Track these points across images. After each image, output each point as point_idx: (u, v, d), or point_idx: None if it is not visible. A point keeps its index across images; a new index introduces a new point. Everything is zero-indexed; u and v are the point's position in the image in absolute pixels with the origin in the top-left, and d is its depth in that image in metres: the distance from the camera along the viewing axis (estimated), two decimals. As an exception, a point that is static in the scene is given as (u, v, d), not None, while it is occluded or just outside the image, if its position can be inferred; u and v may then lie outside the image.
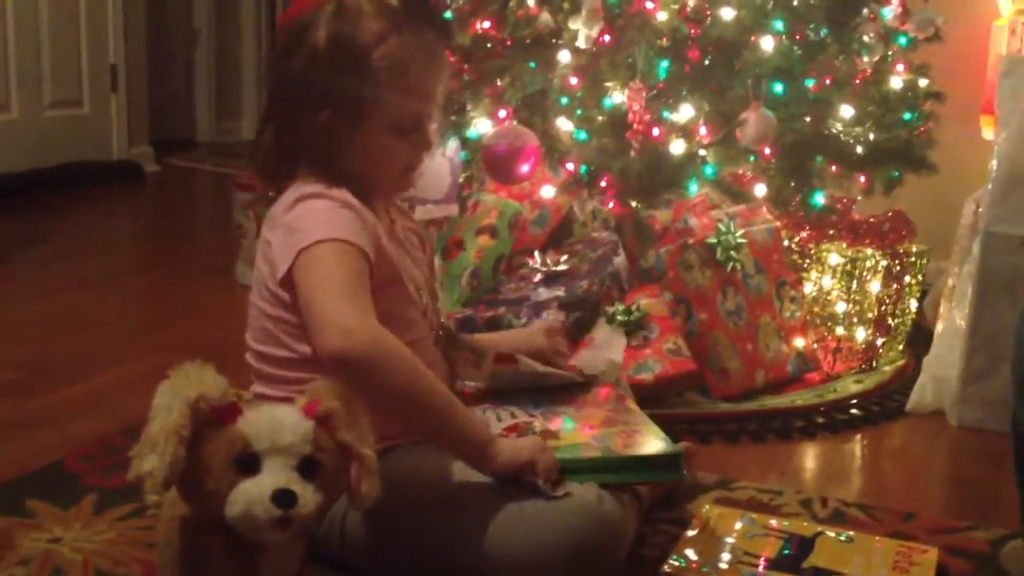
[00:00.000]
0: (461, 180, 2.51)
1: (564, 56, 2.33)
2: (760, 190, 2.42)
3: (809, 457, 2.07)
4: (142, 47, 5.10)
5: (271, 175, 1.44)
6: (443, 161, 2.39)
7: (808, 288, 2.43)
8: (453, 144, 2.43)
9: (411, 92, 1.38)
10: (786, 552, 1.53)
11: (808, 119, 2.42)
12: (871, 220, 2.50)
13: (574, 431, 1.48)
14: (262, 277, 1.39)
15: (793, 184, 2.44)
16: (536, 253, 2.38)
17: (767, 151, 2.35)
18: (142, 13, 5.09)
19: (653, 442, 1.45)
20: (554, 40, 2.34)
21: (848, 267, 2.38)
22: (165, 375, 1.14)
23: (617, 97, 2.30)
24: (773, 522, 1.62)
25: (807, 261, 2.44)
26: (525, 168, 2.23)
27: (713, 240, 2.28)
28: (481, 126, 2.38)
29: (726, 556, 1.51)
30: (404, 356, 1.24)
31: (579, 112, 2.35)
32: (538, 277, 2.32)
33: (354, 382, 1.20)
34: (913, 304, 2.54)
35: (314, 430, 1.13)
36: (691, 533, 1.57)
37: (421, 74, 1.39)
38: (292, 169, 1.41)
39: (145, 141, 5.11)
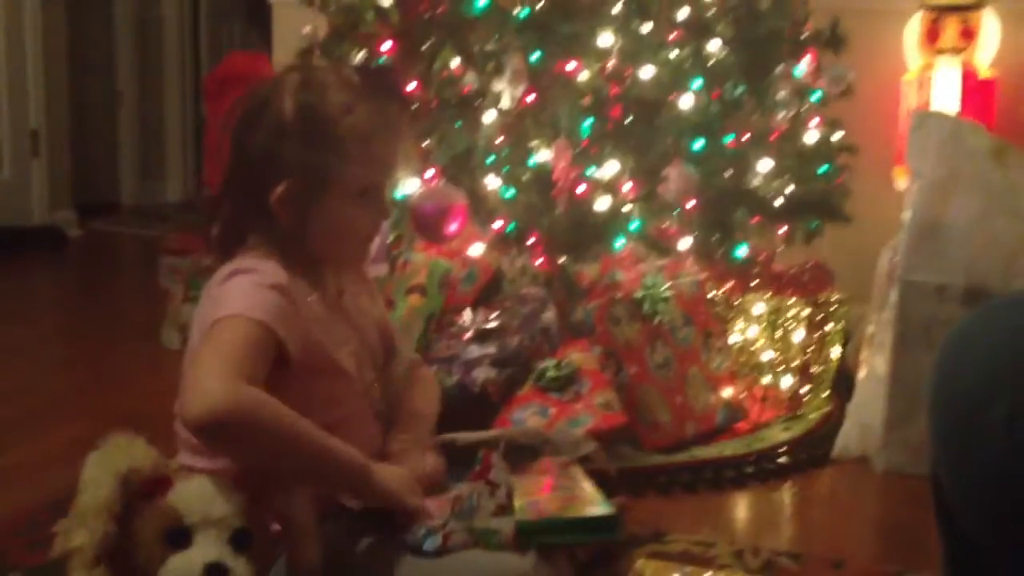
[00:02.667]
0: (390, 240, 2.52)
1: (489, 116, 2.36)
2: (684, 243, 2.47)
3: (740, 507, 2.09)
4: (64, 111, 5.05)
5: (227, 249, 1.42)
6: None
7: (734, 338, 2.48)
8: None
9: (373, 162, 1.39)
10: (721, 604, 1.55)
11: (728, 173, 2.48)
12: (792, 270, 2.56)
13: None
14: (193, 346, 1.37)
15: (716, 237, 2.49)
16: (467, 311, 2.39)
17: (690, 205, 2.39)
18: (64, 77, 5.04)
19: (590, 504, 1.45)
20: (479, 100, 2.38)
21: (772, 317, 2.43)
22: (92, 445, 1.12)
23: (542, 155, 2.34)
24: (707, 575, 1.64)
25: (732, 312, 2.49)
26: (453, 227, 2.25)
27: (640, 294, 2.32)
28: (409, 186, 2.40)
29: (662, 610, 1.52)
30: (266, 413, 1.20)
31: (506, 170, 2.38)
32: (469, 335, 2.32)
33: (214, 445, 1.20)
34: (836, 351, 2.59)
35: (247, 501, 1.12)
36: (627, 588, 1.58)
37: (383, 144, 1.40)
38: (244, 240, 1.41)
39: (68, 205, 5.04)
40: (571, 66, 2.31)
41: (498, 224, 2.36)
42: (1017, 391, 0.95)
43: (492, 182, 2.38)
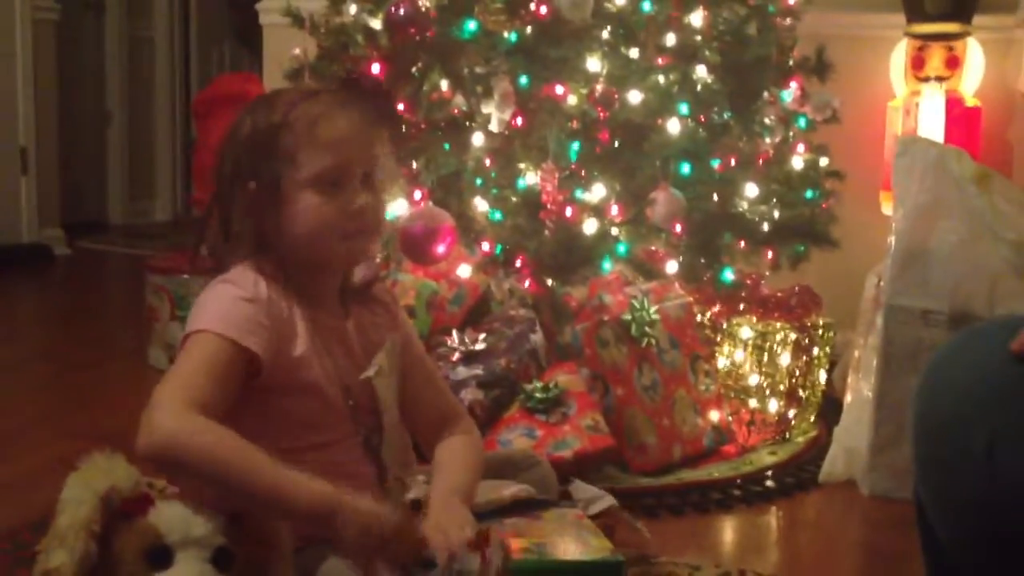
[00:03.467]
0: (378, 260, 2.52)
1: (478, 139, 2.37)
2: (672, 267, 2.47)
3: (727, 530, 2.09)
4: (53, 129, 5.05)
5: (222, 262, 1.42)
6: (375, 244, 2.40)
7: (721, 362, 2.48)
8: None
9: (324, 145, 1.36)
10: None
11: (715, 198, 2.49)
12: (779, 294, 2.57)
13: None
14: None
15: (703, 260, 2.50)
16: (454, 332, 2.39)
17: (677, 229, 2.40)
18: (53, 95, 5.05)
19: (596, 551, 1.44)
20: (468, 123, 2.39)
21: (759, 341, 2.44)
22: (74, 465, 1.12)
23: (530, 178, 2.35)
24: (692, 597, 1.63)
25: (719, 335, 2.49)
26: (441, 248, 2.25)
27: (628, 317, 2.32)
28: (397, 207, 2.40)
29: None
30: (206, 447, 1.17)
31: (494, 192, 2.39)
32: (456, 356, 2.32)
33: (165, 471, 1.22)
34: (822, 376, 2.60)
35: (227, 521, 1.11)
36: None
37: (333, 127, 1.37)
38: (227, 258, 1.41)
39: (56, 223, 5.03)
40: (559, 90, 2.32)
41: (486, 246, 2.37)
42: (997, 416, 0.96)
43: (480, 204, 2.39)
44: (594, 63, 2.35)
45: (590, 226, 2.33)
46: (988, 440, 0.95)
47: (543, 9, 2.31)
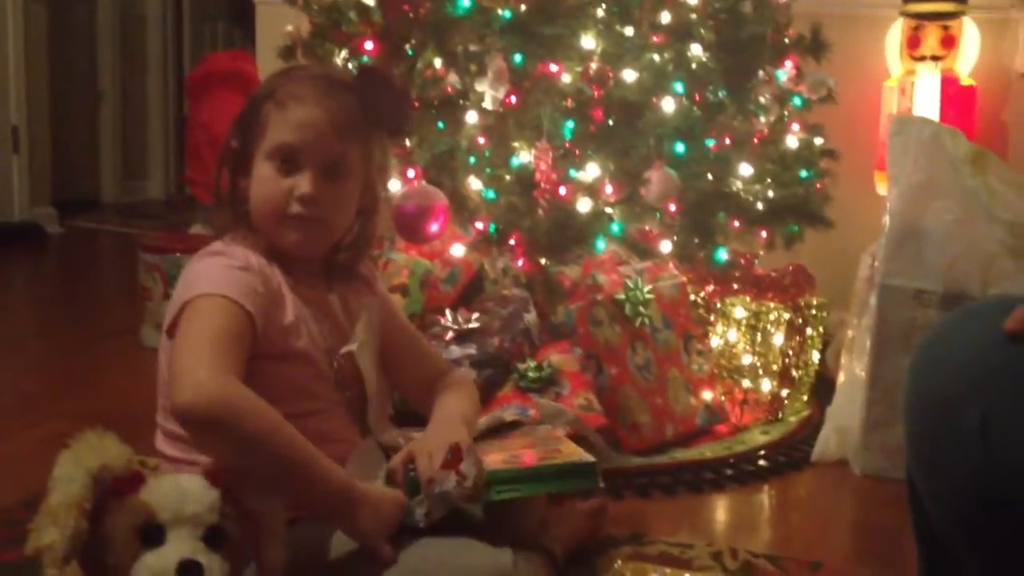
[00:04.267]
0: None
1: (471, 117, 2.36)
2: (665, 246, 2.47)
3: (719, 509, 2.10)
4: (45, 107, 5.03)
5: (214, 225, 1.48)
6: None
7: (714, 341, 2.48)
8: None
9: (290, 124, 1.39)
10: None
11: (709, 177, 2.49)
12: (773, 274, 2.57)
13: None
14: (166, 328, 1.38)
15: (697, 240, 2.49)
16: (447, 311, 2.39)
17: (671, 208, 2.40)
18: (45, 73, 5.02)
19: (569, 456, 1.47)
20: (461, 101, 2.37)
21: (752, 320, 2.44)
22: (66, 444, 1.11)
23: (524, 157, 2.34)
24: (685, 576, 1.64)
25: (713, 315, 2.49)
26: (435, 227, 2.24)
27: (621, 296, 2.32)
28: (390, 186, 2.39)
29: (639, 611, 1.52)
30: (254, 411, 1.21)
31: (487, 171, 2.38)
32: (450, 335, 2.32)
33: (200, 437, 1.21)
34: (815, 355, 2.60)
35: (220, 498, 1.11)
36: (604, 589, 1.58)
37: (304, 111, 1.39)
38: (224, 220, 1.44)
39: (48, 202, 5.02)
40: (554, 68, 2.31)
41: (480, 225, 2.36)
42: (990, 395, 0.96)
43: (474, 183, 2.38)
44: (588, 41, 2.34)
45: (584, 205, 2.32)
46: (981, 418, 0.95)
47: (537, -13, 2.30)
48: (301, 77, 1.44)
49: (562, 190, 2.32)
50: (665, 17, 2.46)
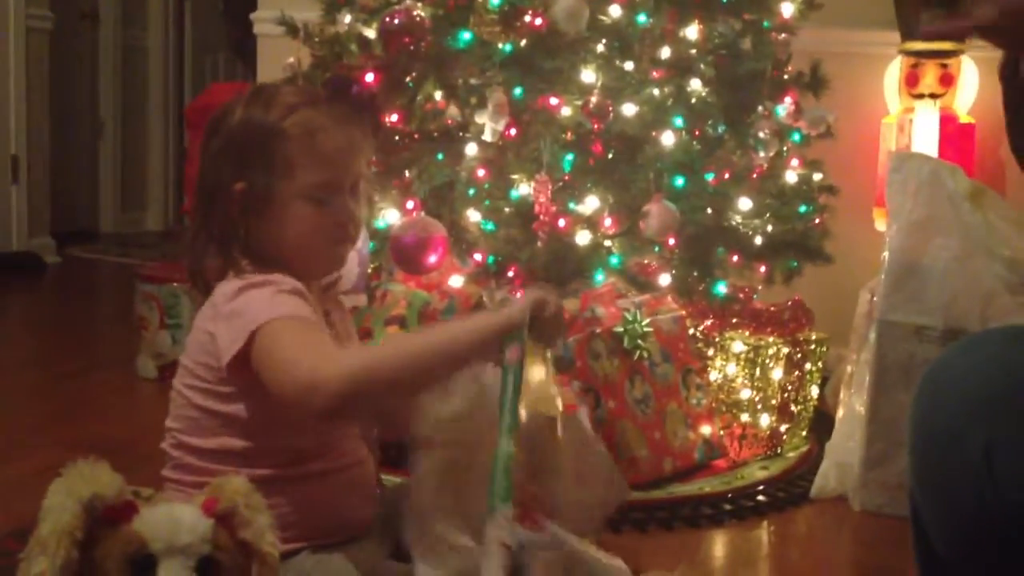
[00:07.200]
0: (370, 270, 2.51)
1: (471, 149, 2.37)
2: (664, 280, 2.47)
3: (718, 545, 2.08)
4: (45, 137, 5.04)
5: (200, 265, 1.41)
6: (352, 251, 2.39)
7: (713, 376, 2.47)
8: (362, 235, 2.43)
9: (321, 159, 1.38)
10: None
11: (709, 211, 2.49)
12: (772, 309, 2.56)
13: None
14: (194, 366, 1.36)
15: (696, 274, 2.49)
16: (445, 344, 2.37)
17: (670, 242, 2.40)
18: (45, 103, 5.04)
19: None
20: (461, 133, 2.38)
21: (751, 355, 2.43)
22: (59, 473, 1.10)
23: (523, 189, 2.34)
24: (683, 612, 1.62)
25: (712, 349, 2.48)
26: (433, 259, 2.24)
27: (620, 329, 2.31)
28: (389, 217, 2.39)
29: (636, 648, 1.49)
30: (381, 353, 1.29)
31: (486, 203, 2.38)
32: (447, 368, 2.31)
33: (354, 409, 1.28)
34: (814, 391, 2.59)
35: (213, 528, 1.09)
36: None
37: (331, 141, 1.39)
38: (223, 261, 1.39)
39: (46, 232, 5.02)
40: (554, 101, 2.32)
41: (478, 257, 2.36)
42: (994, 423, 0.95)
43: (473, 215, 2.38)
44: (589, 75, 2.35)
45: (583, 238, 2.32)
46: (985, 446, 0.94)
47: (538, 20, 2.31)
48: (301, 104, 1.40)
49: (561, 223, 2.32)
50: (665, 52, 2.47)
